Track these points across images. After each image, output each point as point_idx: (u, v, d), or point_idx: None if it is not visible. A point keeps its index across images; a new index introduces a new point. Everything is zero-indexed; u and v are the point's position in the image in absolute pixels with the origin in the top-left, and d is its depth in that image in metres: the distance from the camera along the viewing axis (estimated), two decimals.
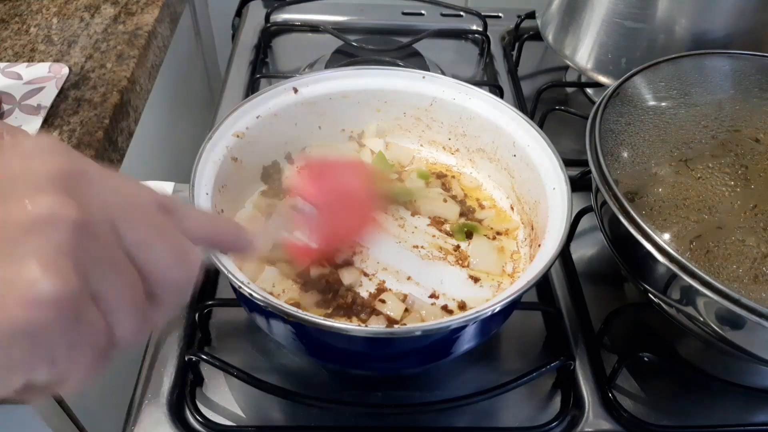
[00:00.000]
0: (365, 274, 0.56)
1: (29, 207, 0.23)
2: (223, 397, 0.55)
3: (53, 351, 0.23)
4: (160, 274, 0.27)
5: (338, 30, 0.94)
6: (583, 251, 0.68)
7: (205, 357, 0.53)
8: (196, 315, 0.57)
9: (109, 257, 0.25)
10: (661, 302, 0.52)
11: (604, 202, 0.52)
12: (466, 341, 0.51)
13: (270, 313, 0.48)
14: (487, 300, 0.54)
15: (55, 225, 0.23)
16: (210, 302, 0.59)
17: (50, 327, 0.22)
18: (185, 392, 0.54)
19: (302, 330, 0.49)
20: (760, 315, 0.43)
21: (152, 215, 0.28)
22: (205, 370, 0.55)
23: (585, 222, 0.66)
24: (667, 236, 0.48)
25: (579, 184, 0.68)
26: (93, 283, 0.24)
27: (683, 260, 0.46)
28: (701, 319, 0.49)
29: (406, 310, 0.53)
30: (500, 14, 1.03)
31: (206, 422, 0.52)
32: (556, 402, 0.56)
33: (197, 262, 0.29)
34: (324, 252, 0.52)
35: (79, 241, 0.23)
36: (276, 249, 0.48)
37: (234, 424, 0.53)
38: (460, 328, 0.48)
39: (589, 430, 0.53)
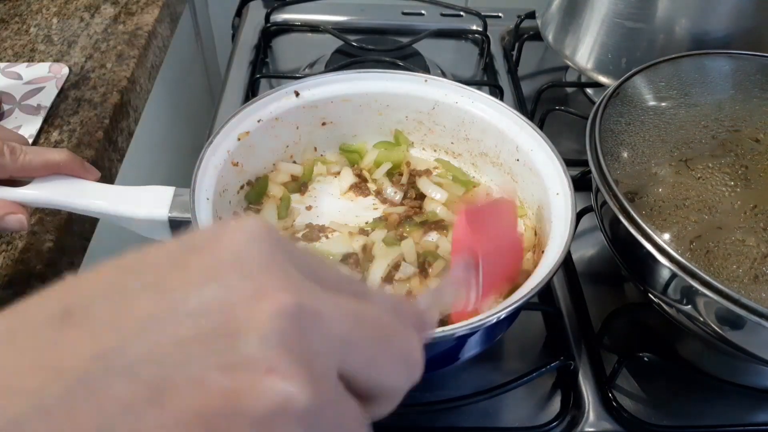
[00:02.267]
0: None
1: (257, 389, 0.18)
2: None
3: None
4: (390, 385, 0.24)
5: (338, 30, 0.94)
6: (583, 251, 0.68)
7: None
8: None
9: (336, 414, 0.21)
10: (661, 302, 0.52)
11: (604, 202, 0.52)
12: (470, 348, 0.51)
13: None
14: (488, 307, 0.54)
15: (288, 417, 0.19)
16: None
17: None
18: None
19: None
20: (760, 315, 0.43)
21: (379, 324, 0.23)
22: None
23: (585, 222, 0.66)
24: (667, 236, 0.48)
25: (579, 184, 0.68)
26: None
27: (683, 260, 0.46)
28: (701, 319, 0.49)
29: None
30: (500, 14, 1.02)
31: None
32: (556, 402, 0.56)
33: (421, 360, 0.26)
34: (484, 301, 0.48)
35: (312, 423, 0.19)
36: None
37: None
38: (465, 336, 0.48)
39: (589, 430, 0.53)
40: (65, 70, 0.75)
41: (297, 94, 0.62)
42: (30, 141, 0.65)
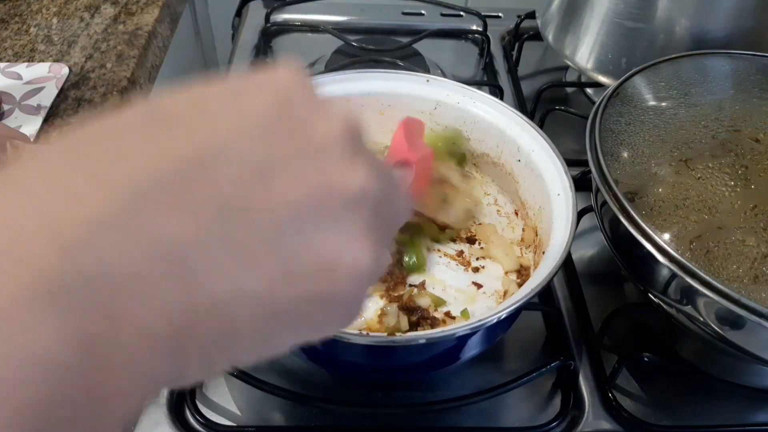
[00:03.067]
0: None
1: (343, 176, 0.23)
2: (223, 397, 0.55)
3: (356, 309, 0.25)
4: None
5: (338, 30, 0.94)
6: (583, 251, 0.68)
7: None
8: None
9: (391, 208, 0.26)
10: (661, 302, 0.52)
11: (604, 202, 0.52)
12: (471, 348, 0.51)
13: None
14: (489, 307, 0.54)
15: (367, 198, 0.23)
16: None
17: (363, 296, 0.24)
18: (185, 392, 0.54)
19: None
20: (760, 315, 0.43)
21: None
22: None
23: (585, 222, 0.66)
24: (667, 236, 0.48)
25: (579, 184, 0.68)
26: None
27: (683, 260, 0.46)
28: (701, 319, 0.49)
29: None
30: (500, 14, 1.02)
31: (206, 422, 0.52)
32: (556, 402, 0.56)
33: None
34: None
35: (381, 208, 0.24)
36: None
37: (234, 424, 0.53)
38: (465, 336, 0.48)
39: (589, 430, 0.53)
40: (65, 70, 0.75)
41: None
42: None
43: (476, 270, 0.58)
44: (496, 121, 0.62)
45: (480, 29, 0.97)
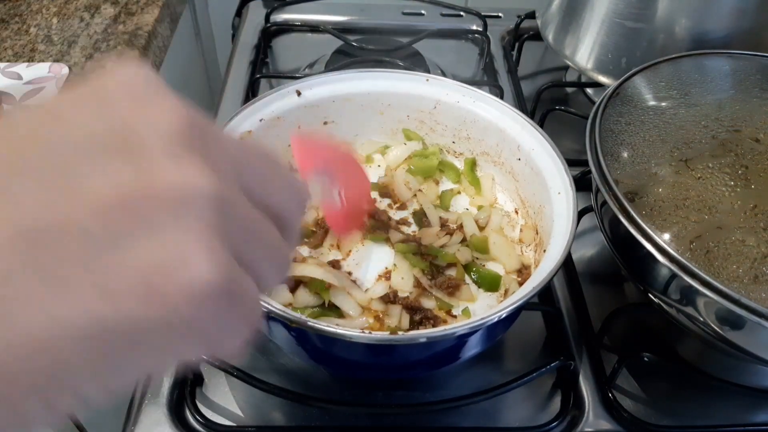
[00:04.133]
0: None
1: (165, 176, 0.19)
2: (223, 397, 0.55)
3: (209, 333, 0.21)
4: (285, 207, 0.25)
5: (338, 30, 0.94)
6: (583, 251, 0.68)
7: (204, 357, 0.53)
8: None
9: (249, 219, 0.22)
10: (661, 302, 0.52)
11: (604, 202, 0.52)
12: (472, 347, 0.51)
13: (272, 318, 0.47)
14: (490, 306, 0.54)
15: (198, 199, 0.20)
16: None
17: (210, 316, 0.20)
18: (185, 392, 0.54)
19: (305, 336, 0.49)
20: (760, 315, 0.43)
21: (263, 155, 0.25)
22: (205, 370, 0.55)
23: (585, 222, 0.66)
24: (667, 236, 0.48)
25: (579, 184, 0.67)
26: (241, 252, 0.21)
27: (683, 260, 0.46)
28: (701, 319, 0.49)
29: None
30: (500, 14, 1.02)
31: (206, 422, 0.52)
32: (556, 402, 0.56)
33: (306, 187, 0.28)
34: (355, 216, 0.53)
35: (223, 213, 0.20)
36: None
37: (234, 424, 0.53)
38: (466, 335, 0.48)
39: (589, 430, 0.53)
40: (65, 70, 0.75)
41: (299, 93, 0.62)
42: None
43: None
44: (496, 120, 0.62)
45: (480, 29, 0.97)
